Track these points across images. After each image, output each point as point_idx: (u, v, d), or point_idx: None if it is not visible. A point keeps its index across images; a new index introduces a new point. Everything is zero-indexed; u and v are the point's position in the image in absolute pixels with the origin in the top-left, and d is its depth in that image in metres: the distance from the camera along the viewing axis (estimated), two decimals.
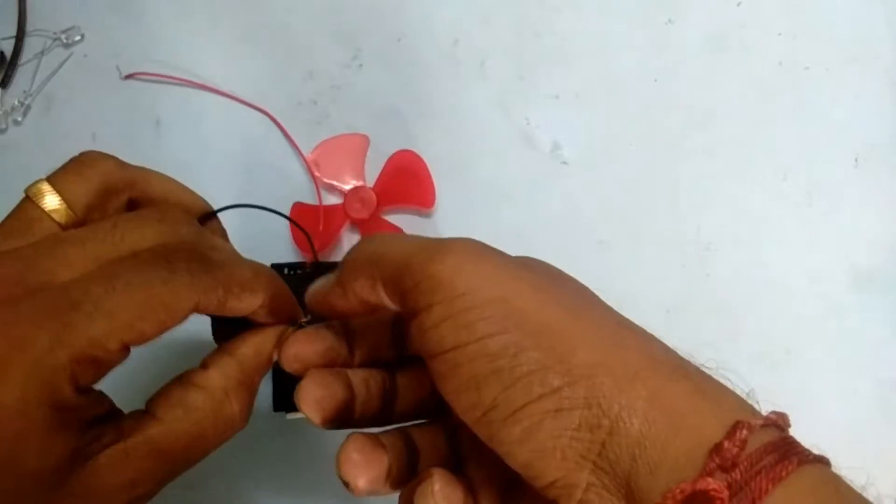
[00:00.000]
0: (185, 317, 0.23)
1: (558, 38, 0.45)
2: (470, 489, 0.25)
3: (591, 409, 0.20)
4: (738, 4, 0.44)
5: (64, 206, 0.25)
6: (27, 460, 0.21)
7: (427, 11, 0.46)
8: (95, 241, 0.23)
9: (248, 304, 0.25)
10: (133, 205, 0.28)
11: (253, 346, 0.27)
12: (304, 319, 0.29)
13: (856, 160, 0.43)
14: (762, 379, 0.42)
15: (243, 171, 0.45)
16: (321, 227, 0.42)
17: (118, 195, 0.27)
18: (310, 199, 0.44)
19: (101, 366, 0.22)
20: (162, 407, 0.24)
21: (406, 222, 0.43)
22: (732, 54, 0.44)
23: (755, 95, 0.44)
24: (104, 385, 0.25)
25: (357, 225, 0.43)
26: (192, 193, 0.31)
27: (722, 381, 0.22)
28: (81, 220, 0.26)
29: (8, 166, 0.47)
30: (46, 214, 0.25)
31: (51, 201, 0.25)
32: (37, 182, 0.26)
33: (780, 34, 0.44)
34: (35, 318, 0.21)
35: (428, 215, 0.44)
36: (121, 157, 0.33)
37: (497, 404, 0.20)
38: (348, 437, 0.25)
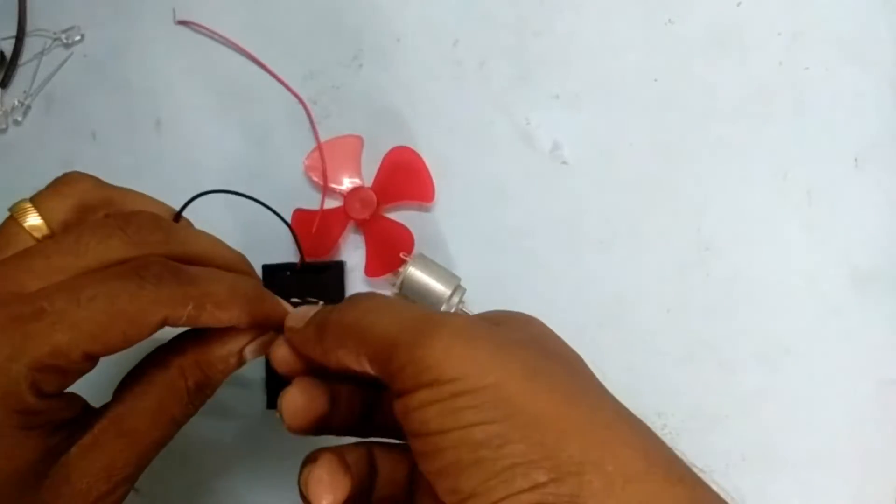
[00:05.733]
0: (152, 330, 0.24)
1: (558, 38, 0.45)
2: None
3: None
4: (738, 4, 0.44)
5: (43, 223, 0.27)
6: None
7: (427, 11, 0.46)
8: (59, 253, 0.24)
9: (222, 319, 0.26)
10: None
11: (218, 337, 0.27)
12: (316, 302, 0.29)
13: (856, 160, 0.43)
14: (762, 379, 0.42)
15: (245, 173, 0.45)
16: (335, 229, 0.42)
17: (94, 212, 0.28)
18: (310, 203, 0.44)
19: (66, 374, 0.23)
20: (123, 389, 0.25)
21: (407, 219, 0.43)
22: (732, 54, 0.44)
23: (755, 95, 0.44)
24: (84, 389, 0.25)
25: (359, 225, 0.43)
26: (169, 207, 0.31)
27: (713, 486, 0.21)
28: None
29: (8, 166, 0.47)
30: (26, 231, 0.26)
31: (32, 219, 0.26)
32: (20, 201, 0.27)
33: (780, 34, 0.44)
34: None
35: (428, 210, 0.44)
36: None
37: (477, 493, 0.19)
38: (316, 456, 0.25)
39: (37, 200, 0.27)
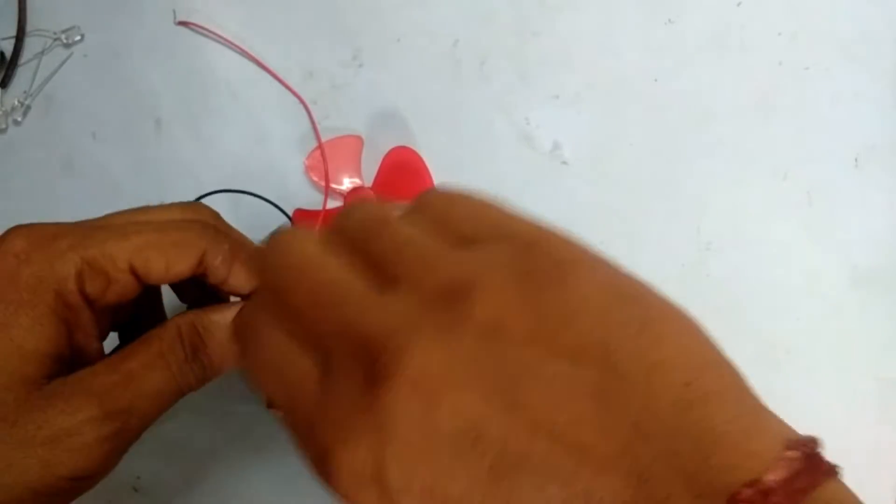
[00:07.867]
0: (192, 263, 0.27)
1: (558, 38, 0.45)
2: None
3: None
4: (738, 4, 0.44)
5: None
6: (21, 328, 0.24)
7: (427, 11, 0.46)
8: (128, 213, 0.29)
9: (242, 285, 0.28)
10: None
11: (223, 307, 0.29)
12: None
13: (856, 160, 0.43)
14: (762, 379, 0.42)
15: (245, 173, 0.45)
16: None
17: None
18: (309, 203, 0.44)
19: (109, 282, 0.26)
20: (126, 342, 0.28)
21: None
22: (732, 54, 0.44)
23: (755, 95, 0.44)
24: None
25: None
26: None
27: None
28: None
29: (8, 166, 0.47)
30: None
31: None
32: None
33: (780, 34, 0.44)
34: (65, 230, 0.26)
35: None
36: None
37: None
38: None
39: None
